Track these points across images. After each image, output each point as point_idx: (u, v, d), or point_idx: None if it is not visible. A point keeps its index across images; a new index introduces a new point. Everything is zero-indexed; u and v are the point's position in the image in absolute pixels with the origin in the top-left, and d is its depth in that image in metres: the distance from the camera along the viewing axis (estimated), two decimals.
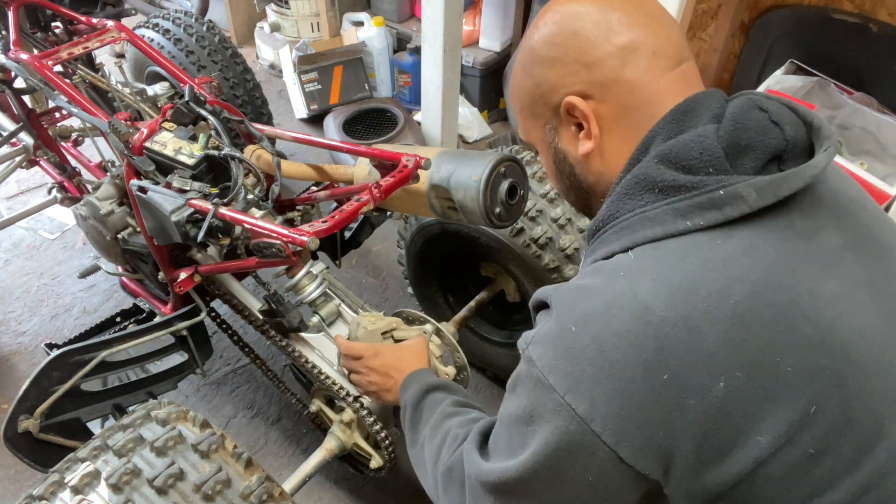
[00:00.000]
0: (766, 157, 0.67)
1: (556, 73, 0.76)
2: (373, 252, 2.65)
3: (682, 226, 0.64)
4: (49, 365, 1.36)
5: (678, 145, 0.68)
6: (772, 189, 0.63)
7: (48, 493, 1.02)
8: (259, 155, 1.53)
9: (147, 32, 2.46)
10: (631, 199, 0.70)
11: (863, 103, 2.29)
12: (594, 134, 0.76)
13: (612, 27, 0.73)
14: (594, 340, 0.62)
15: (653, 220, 0.67)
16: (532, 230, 1.57)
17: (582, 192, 0.83)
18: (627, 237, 0.69)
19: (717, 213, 0.63)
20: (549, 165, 0.86)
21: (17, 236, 2.73)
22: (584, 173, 0.80)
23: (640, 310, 0.61)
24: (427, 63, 2.59)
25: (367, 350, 1.26)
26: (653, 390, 0.60)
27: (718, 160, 0.65)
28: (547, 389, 0.65)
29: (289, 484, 1.38)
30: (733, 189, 0.63)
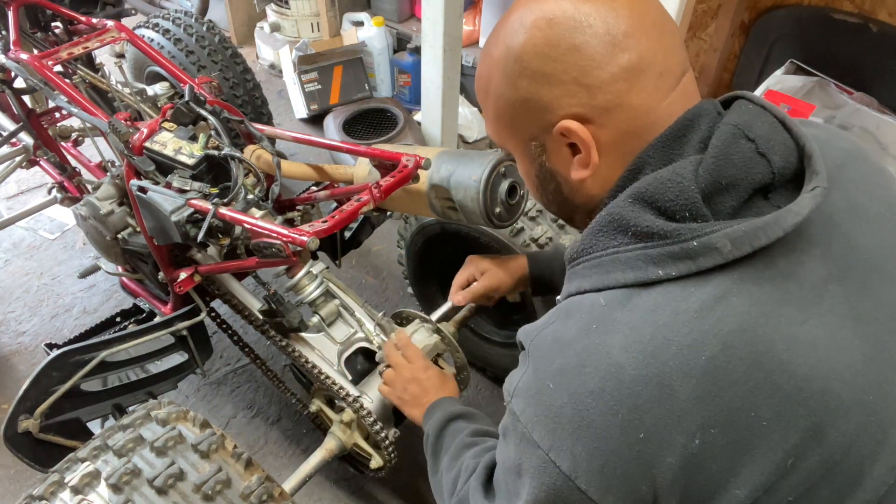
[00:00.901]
0: (749, 192, 0.64)
1: (550, 93, 0.67)
2: (373, 252, 2.65)
3: (654, 274, 0.62)
4: (49, 365, 1.36)
5: (655, 184, 0.64)
6: (748, 240, 0.60)
7: (48, 493, 1.02)
8: (259, 155, 1.53)
9: (147, 32, 2.46)
10: (604, 237, 0.67)
11: (863, 103, 2.29)
12: (593, 161, 0.69)
13: (618, 43, 0.64)
14: (571, 399, 0.62)
15: (625, 263, 0.64)
16: (532, 230, 1.57)
17: (566, 208, 0.79)
18: (599, 277, 0.67)
19: (691, 263, 0.61)
20: (530, 178, 0.79)
21: (17, 236, 2.73)
22: (573, 195, 0.75)
23: (613, 368, 0.60)
24: (427, 63, 2.59)
25: (420, 361, 1.28)
26: (631, 448, 0.59)
27: (694, 205, 0.62)
28: (532, 445, 0.65)
29: (289, 484, 1.38)
30: (708, 240, 0.60)
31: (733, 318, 0.59)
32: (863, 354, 0.62)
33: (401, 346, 1.32)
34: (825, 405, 0.59)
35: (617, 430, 0.59)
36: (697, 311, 0.60)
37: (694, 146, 0.66)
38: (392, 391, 1.28)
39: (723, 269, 0.61)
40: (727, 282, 0.61)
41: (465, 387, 1.52)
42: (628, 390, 0.59)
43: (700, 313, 0.60)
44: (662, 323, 0.60)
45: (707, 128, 0.66)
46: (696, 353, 0.58)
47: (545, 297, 1.64)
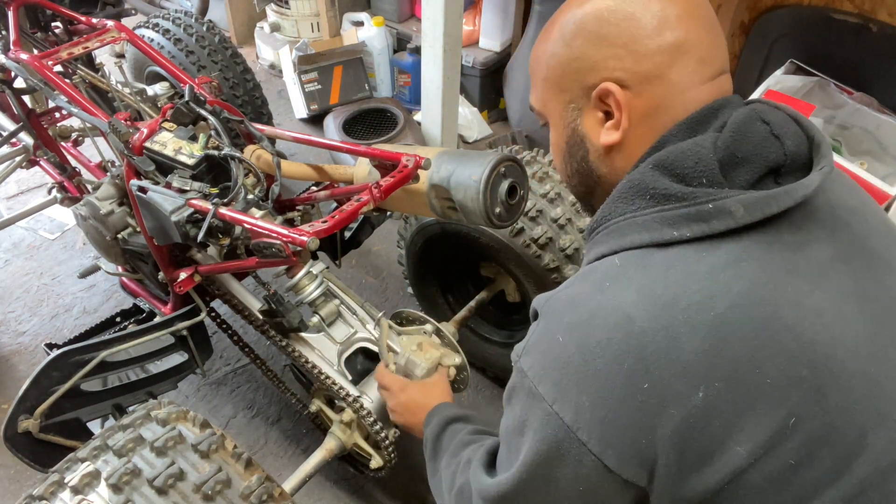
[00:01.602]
0: (763, 170, 0.67)
1: (600, 53, 0.73)
2: (373, 252, 2.65)
3: (669, 235, 0.65)
4: (49, 365, 1.36)
5: (675, 153, 0.68)
6: (760, 206, 0.63)
7: (48, 493, 1.02)
8: (259, 155, 1.53)
9: (147, 32, 2.46)
10: (623, 203, 0.71)
11: (863, 103, 2.29)
12: (623, 127, 0.74)
13: (669, 21, 0.71)
14: (578, 350, 0.64)
15: (641, 226, 0.68)
16: (532, 230, 1.57)
17: (589, 180, 0.82)
18: (616, 240, 0.70)
19: (704, 225, 0.64)
20: (560, 145, 0.83)
21: (17, 236, 2.73)
22: (598, 163, 0.79)
23: (623, 320, 0.62)
24: (427, 63, 2.59)
25: (395, 384, 1.31)
26: (634, 398, 0.61)
27: (712, 172, 0.66)
28: (537, 399, 0.67)
29: (289, 484, 1.38)
30: (722, 203, 0.64)
31: (743, 281, 0.62)
32: (866, 329, 0.64)
33: (378, 380, 1.36)
34: (828, 369, 0.60)
35: (622, 379, 0.61)
36: (708, 271, 0.63)
37: (715, 128, 0.70)
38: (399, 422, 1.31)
39: (734, 234, 0.64)
40: (738, 247, 0.64)
41: (465, 387, 1.52)
42: (636, 341, 0.61)
43: (711, 273, 0.63)
44: (674, 280, 0.63)
45: (727, 114, 0.71)
46: (705, 309, 0.61)
47: None
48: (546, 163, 1.71)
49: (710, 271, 0.63)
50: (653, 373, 0.60)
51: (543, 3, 2.90)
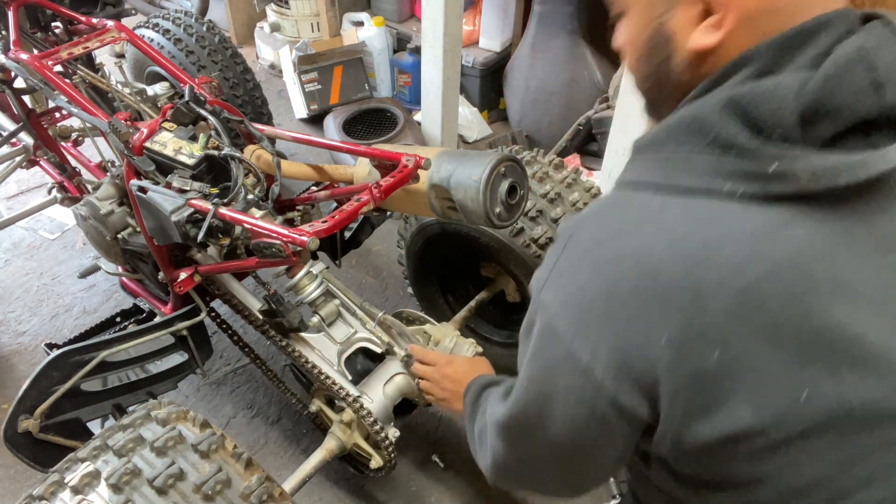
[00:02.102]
0: (848, 123, 0.58)
1: None
2: (373, 252, 2.65)
3: (720, 186, 0.60)
4: (49, 365, 1.36)
5: (752, 94, 0.59)
6: (827, 177, 0.57)
7: (48, 493, 1.02)
8: (259, 155, 1.53)
9: (147, 32, 2.46)
10: (681, 135, 0.64)
11: None
12: (727, 28, 0.62)
13: None
14: (603, 293, 0.63)
15: (693, 168, 0.62)
16: (532, 230, 1.57)
17: (664, 87, 0.72)
18: (662, 173, 0.64)
19: (760, 185, 0.58)
20: (637, 42, 0.72)
21: (17, 236, 2.73)
22: (682, 68, 0.68)
23: (651, 267, 0.60)
24: (427, 63, 2.59)
25: (441, 358, 1.35)
26: (653, 347, 0.61)
27: (788, 127, 0.57)
28: (554, 336, 0.67)
29: (289, 484, 1.38)
30: (788, 167, 0.57)
31: (789, 247, 0.58)
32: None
33: (418, 357, 1.39)
34: (850, 353, 0.59)
35: (642, 326, 0.61)
36: (752, 232, 0.59)
37: (807, 59, 0.60)
38: (437, 400, 1.35)
39: (790, 199, 0.58)
40: (792, 210, 0.58)
41: None
42: (662, 291, 0.60)
43: (754, 235, 0.59)
44: (714, 237, 0.59)
45: (828, 42, 0.60)
46: (739, 273, 0.58)
47: None
48: (546, 163, 1.71)
49: (753, 233, 0.58)
50: (672, 326, 0.60)
51: (544, 4, 2.90)
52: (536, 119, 3.11)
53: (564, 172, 1.69)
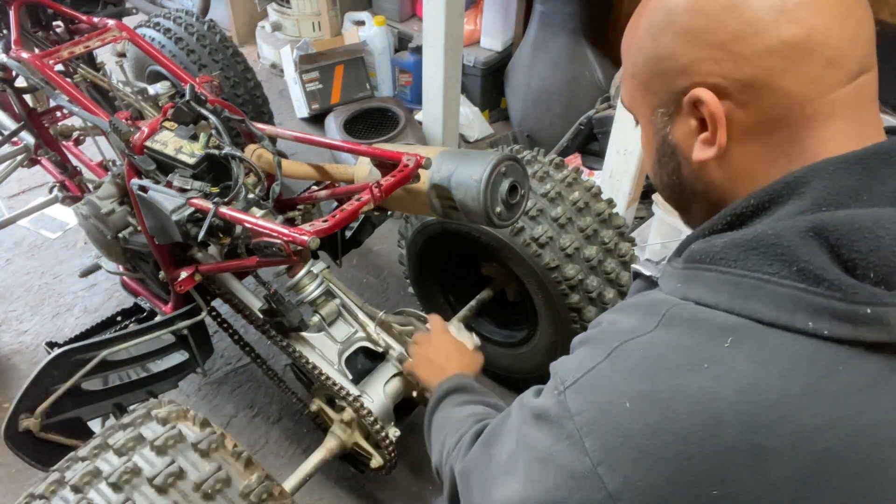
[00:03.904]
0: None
1: (690, 53, 0.59)
2: (373, 251, 2.65)
3: (802, 323, 0.52)
4: (50, 364, 1.37)
5: (848, 226, 0.52)
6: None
7: (49, 491, 1.02)
8: (260, 154, 1.53)
9: (148, 32, 2.46)
10: (756, 257, 0.55)
11: None
12: (719, 143, 0.60)
13: (786, 10, 0.55)
14: (647, 429, 0.55)
15: (771, 297, 0.54)
16: (532, 229, 1.57)
17: (682, 195, 0.70)
18: (730, 297, 0.56)
19: (849, 329, 0.51)
20: (650, 151, 0.71)
21: (19, 235, 2.73)
22: (693, 178, 0.66)
23: (712, 421, 0.52)
24: (428, 62, 2.59)
25: (424, 338, 1.35)
26: (697, 499, 0.53)
27: (887, 270, 0.51)
28: (579, 450, 0.58)
29: (289, 483, 1.38)
30: (883, 312, 0.50)
31: (872, 413, 0.52)
32: None
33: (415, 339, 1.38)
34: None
35: (691, 477, 0.53)
36: (836, 394, 0.52)
37: (889, 192, 0.55)
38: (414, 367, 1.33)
39: (877, 349, 0.52)
40: (880, 367, 0.52)
41: None
42: (720, 450, 0.52)
43: (840, 398, 0.52)
44: (792, 394, 0.52)
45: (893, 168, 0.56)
46: (815, 439, 0.51)
47: (547, 297, 1.65)
48: (546, 162, 1.71)
49: (839, 394, 0.52)
50: (728, 483, 0.52)
51: (545, 3, 2.90)
52: (537, 118, 3.11)
53: (565, 172, 1.69)
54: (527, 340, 1.88)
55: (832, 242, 0.53)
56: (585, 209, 1.64)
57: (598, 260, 1.61)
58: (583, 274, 1.59)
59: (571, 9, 2.85)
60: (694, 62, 0.59)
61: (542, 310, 1.71)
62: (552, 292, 1.62)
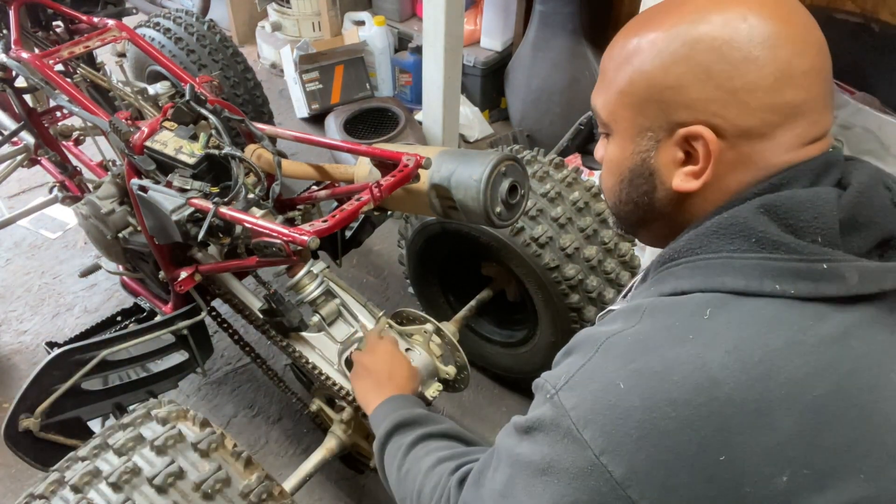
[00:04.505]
0: (877, 240, 0.60)
1: (701, 91, 0.61)
2: (373, 251, 2.65)
3: (770, 287, 0.58)
4: (50, 364, 1.36)
5: (792, 201, 0.59)
6: (877, 279, 0.57)
7: (49, 491, 1.02)
8: (260, 154, 1.53)
9: (148, 31, 2.46)
10: (718, 239, 0.62)
11: (865, 103, 2.29)
12: (706, 178, 0.64)
13: (794, 77, 0.60)
14: (644, 403, 0.56)
15: (738, 269, 0.59)
16: (532, 229, 1.57)
17: (646, 215, 0.72)
18: (702, 278, 0.61)
19: (812, 285, 0.57)
20: (620, 168, 0.71)
21: (19, 235, 2.73)
22: (664, 202, 0.69)
23: (707, 382, 0.55)
24: (428, 62, 2.59)
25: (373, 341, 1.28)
26: (704, 470, 0.55)
27: (831, 231, 0.58)
28: (579, 445, 0.59)
29: (289, 483, 1.38)
30: (837, 267, 0.57)
31: (850, 360, 0.56)
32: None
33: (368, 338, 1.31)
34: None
35: (695, 447, 0.55)
36: (815, 345, 0.56)
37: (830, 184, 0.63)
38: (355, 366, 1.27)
39: (840, 304, 0.57)
40: (847, 320, 0.57)
41: (465, 386, 1.52)
42: (720, 409, 0.54)
43: (818, 347, 0.56)
44: (776, 348, 0.56)
45: (840, 171, 0.64)
46: (807, 388, 0.55)
47: (547, 297, 1.65)
48: (546, 162, 1.71)
49: (817, 344, 0.56)
50: (734, 447, 0.54)
51: (545, 3, 2.90)
52: (537, 118, 3.11)
53: (565, 172, 1.69)
54: (527, 340, 1.88)
55: (780, 215, 0.60)
56: (585, 209, 1.64)
57: (598, 260, 1.61)
58: (583, 274, 1.59)
59: (571, 9, 2.85)
60: (702, 100, 0.62)
61: (542, 310, 1.71)
62: (552, 292, 1.62)
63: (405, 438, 1.01)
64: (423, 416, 1.05)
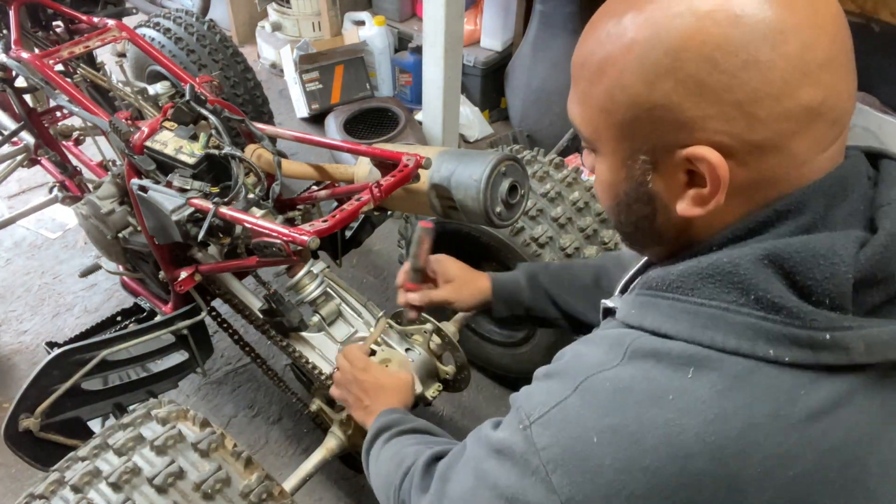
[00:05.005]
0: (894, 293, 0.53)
1: (698, 108, 0.52)
2: (373, 251, 2.65)
3: (763, 352, 0.52)
4: (50, 364, 1.37)
5: (804, 254, 0.51)
6: (884, 350, 0.50)
7: (49, 491, 1.02)
8: (260, 154, 1.53)
9: (148, 31, 2.46)
10: (714, 287, 0.55)
11: (864, 103, 2.29)
12: (717, 202, 0.55)
13: (809, 73, 0.51)
14: (616, 464, 0.53)
15: (731, 326, 0.53)
16: (532, 229, 1.57)
17: (647, 238, 0.66)
18: (689, 325, 0.55)
19: (810, 354, 0.51)
20: (614, 192, 0.64)
21: (19, 235, 2.73)
22: (667, 226, 0.62)
23: (681, 453, 0.51)
24: (428, 62, 2.59)
25: (360, 361, 1.22)
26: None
27: (842, 296, 0.51)
28: (546, 487, 0.56)
29: (289, 483, 1.38)
30: (843, 337, 0.50)
31: (837, 434, 0.51)
32: None
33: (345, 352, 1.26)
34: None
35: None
36: (802, 419, 0.51)
37: (845, 215, 0.55)
38: (337, 395, 1.25)
39: (838, 370, 0.52)
40: (842, 387, 0.52)
41: (465, 386, 1.52)
42: (691, 481, 0.51)
43: (804, 423, 0.51)
44: (758, 423, 0.51)
45: (861, 196, 0.56)
46: (784, 466, 0.51)
47: None
48: (546, 162, 1.71)
49: (803, 420, 0.51)
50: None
51: (545, 3, 2.90)
52: (537, 118, 3.11)
53: (565, 172, 1.69)
54: (527, 340, 1.88)
55: (787, 270, 0.52)
56: (585, 209, 1.64)
57: None
58: None
59: (571, 9, 2.85)
60: (701, 118, 0.53)
61: None
62: None
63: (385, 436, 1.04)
64: (398, 419, 1.07)
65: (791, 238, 0.53)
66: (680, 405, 0.53)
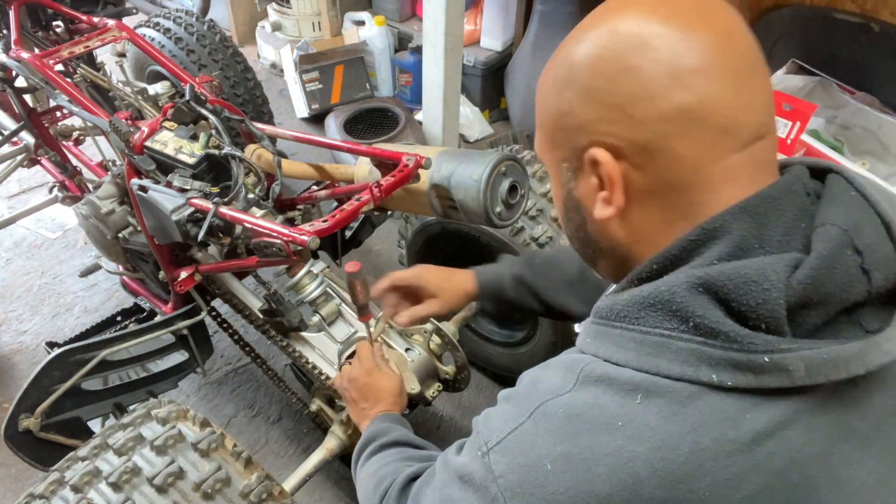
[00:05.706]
0: (834, 313, 0.54)
1: (588, 111, 0.59)
2: (373, 251, 2.65)
3: (706, 377, 0.53)
4: (50, 364, 1.37)
5: (735, 281, 0.53)
6: (825, 371, 0.51)
7: (49, 491, 1.02)
8: (260, 154, 1.53)
9: (148, 31, 2.46)
10: (655, 315, 0.57)
11: (865, 103, 2.29)
12: (616, 203, 0.60)
13: (681, 76, 0.55)
14: (569, 492, 0.55)
15: (674, 353, 0.55)
16: (532, 229, 1.57)
17: (588, 248, 0.70)
18: (635, 353, 0.57)
19: (752, 377, 0.52)
20: (559, 204, 0.71)
21: (19, 235, 2.73)
22: (597, 235, 0.66)
23: (631, 480, 0.53)
24: (428, 62, 2.59)
25: (368, 363, 1.23)
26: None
27: (777, 321, 0.52)
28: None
29: (289, 483, 1.38)
30: (780, 359, 0.51)
31: (784, 455, 0.52)
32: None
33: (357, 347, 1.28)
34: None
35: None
36: (747, 442, 0.52)
37: (780, 235, 0.56)
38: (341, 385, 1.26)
39: (781, 393, 0.52)
40: (787, 409, 0.53)
41: (465, 386, 1.52)
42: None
43: (749, 446, 0.52)
44: (704, 447, 0.52)
45: (793, 215, 0.57)
46: (732, 489, 0.51)
47: None
48: None
49: (749, 442, 0.52)
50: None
51: (545, 3, 2.90)
52: None
53: None
54: (527, 340, 1.88)
55: (721, 297, 0.53)
56: None
57: None
58: None
59: (571, 9, 2.85)
60: (592, 121, 0.59)
61: None
62: None
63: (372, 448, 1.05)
64: (383, 430, 1.08)
65: (724, 264, 0.55)
66: (629, 432, 0.54)
